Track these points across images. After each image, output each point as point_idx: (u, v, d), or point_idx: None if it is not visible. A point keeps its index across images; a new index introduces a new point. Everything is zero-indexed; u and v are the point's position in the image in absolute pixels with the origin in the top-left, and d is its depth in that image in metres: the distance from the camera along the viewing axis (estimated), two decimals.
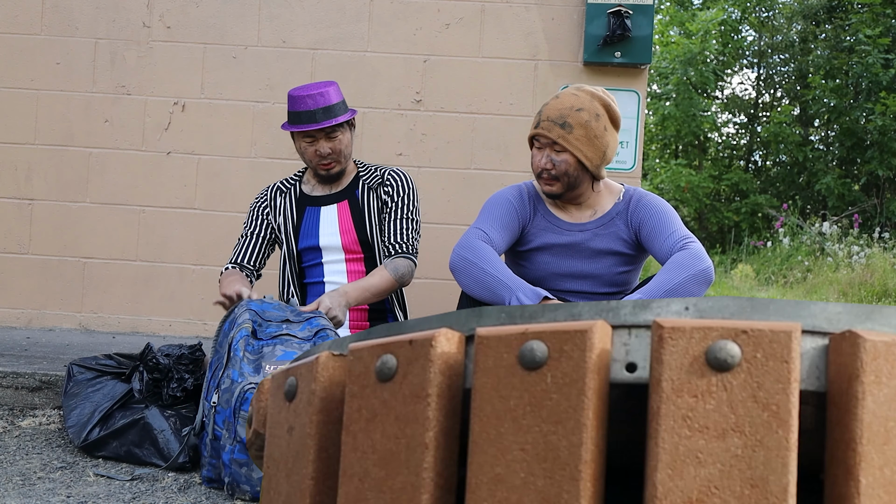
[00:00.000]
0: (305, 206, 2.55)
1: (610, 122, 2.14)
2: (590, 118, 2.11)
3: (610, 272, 2.23)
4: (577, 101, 2.12)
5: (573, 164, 2.13)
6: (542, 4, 3.54)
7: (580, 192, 2.21)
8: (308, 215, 2.53)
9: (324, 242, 2.51)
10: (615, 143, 2.18)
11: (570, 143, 2.11)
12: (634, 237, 2.22)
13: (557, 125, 2.12)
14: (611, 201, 2.25)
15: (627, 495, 0.78)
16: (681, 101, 11.01)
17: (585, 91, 2.15)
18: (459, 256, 2.07)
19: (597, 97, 2.13)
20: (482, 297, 2.05)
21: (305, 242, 2.52)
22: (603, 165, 2.18)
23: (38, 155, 3.64)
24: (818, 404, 0.68)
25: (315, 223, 2.52)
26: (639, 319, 0.68)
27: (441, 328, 0.73)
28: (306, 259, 2.54)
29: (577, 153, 2.11)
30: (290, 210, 2.55)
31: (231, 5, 3.61)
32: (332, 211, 2.53)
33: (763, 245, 8.67)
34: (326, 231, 2.51)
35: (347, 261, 2.52)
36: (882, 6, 10.16)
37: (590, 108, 2.12)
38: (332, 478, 0.79)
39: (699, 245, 2.07)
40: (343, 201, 2.54)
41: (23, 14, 3.65)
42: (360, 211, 2.52)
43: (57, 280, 3.64)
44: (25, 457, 2.17)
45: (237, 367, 1.97)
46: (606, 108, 2.13)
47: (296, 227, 2.53)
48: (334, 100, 2.42)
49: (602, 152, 2.13)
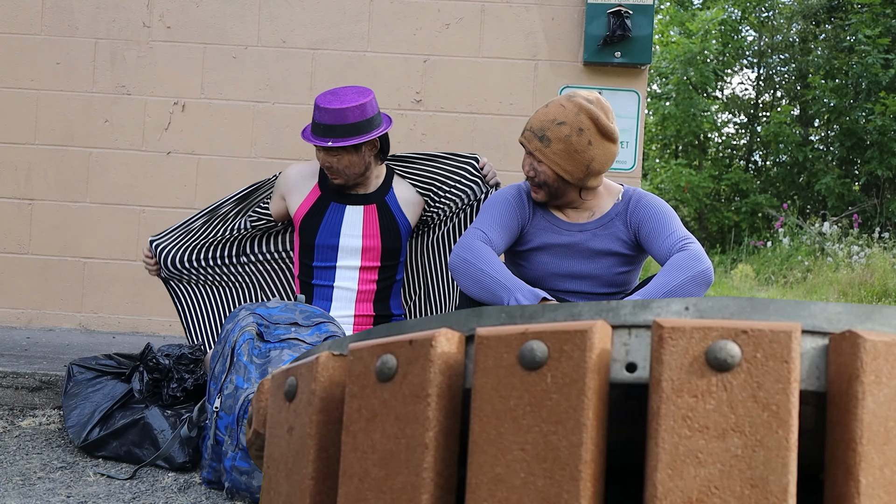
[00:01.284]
0: (330, 201, 2.47)
1: (599, 134, 2.08)
2: (570, 133, 2.07)
3: (609, 272, 2.22)
4: (562, 114, 2.09)
5: (552, 176, 2.13)
6: (542, 4, 3.54)
7: (568, 200, 2.20)
8: (331, 211, 2.46)
9: (344, 243, 2.44)
10: (606, 154, 2.12)
11: (547, 156, 2.10)
12: (633, 238, 2.22)
13: (536, 137, 2.12)
14: (610, 202, 2.24)
15: (627, 495, 0.78)
16: (681, 101, 11.02)
17: (575, 102, 2.10)
18: (459, 257, 2.07)
19: (584, 110, 2.08)
20: (481, 298, 2.05)
21: (324, 240, 2.45)
22: (591, 177, 2.14)
23: (38, 155, 3.65)
24: (818, 404, 0.68)
25: (338, 222, 2.45)
26: (639, 319, 0.68)
27: (441, 328, 0.73)
28: (318, 257, 2.47)
29: (553, 167, 2.10)
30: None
31: (231, 5, 3.61)
32: (358, 212, 2.46)
33: (763, 245, 8.67)
34: (348, 232, 2.44)
35: (362, 269, 2.46)
36: (882, 6, 10.16)
37: (573, 121, 2.08)
38: (332, 478, 0.79)
39: (698, 246, 2.06)
40: (371, 205, 2.47)
41: (23, 14, 3.65)
42: (390, 216, 2.47)
43: (57, 280, 3.64)
44: (25, 457, 2.17)
45: (242, 372, 1.95)
46: (594, 121, 2.07)
47: (317, 221, 2.45)
48: (351, 119, 2.31)
49: (584, 166, 2.10)
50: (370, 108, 2.35)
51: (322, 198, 2.47)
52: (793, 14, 11.45)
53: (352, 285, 2.45)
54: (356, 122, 2.32)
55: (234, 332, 2.05)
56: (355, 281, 2.46)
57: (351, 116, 2.31)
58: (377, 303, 2.48)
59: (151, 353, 2.32)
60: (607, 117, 2.11)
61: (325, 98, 2.36)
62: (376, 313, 2.49)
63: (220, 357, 2.07)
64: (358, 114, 2.32)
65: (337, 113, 2.30)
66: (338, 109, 2.30)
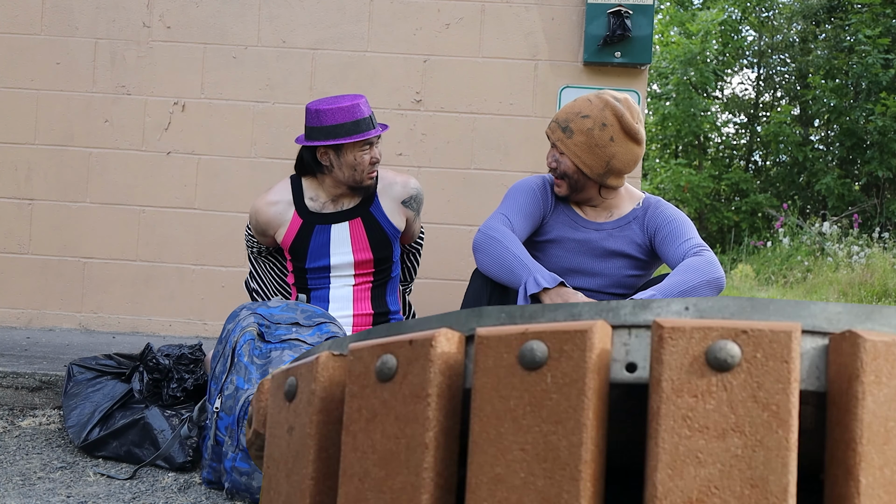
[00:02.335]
0: (314, 224, 2.45)
1: (622, 132, 2.11)
2: (593, 126, 2.11)
3: (619, 273, 2.25)
4: (587, 108, 2.14)
5: (572, 168, 2.17)
6: (542, 4, 3.54)
7: (588, 196, 2.24)
8: (317, 234, 2.45)
9: (335, 261, 2.45)
10: (628, 154, 2.14)
11: (568, 147, 2.15)
12: (648, 243, 2.25)
13: (560, 128, 2.17)
14: (630, 206, 2.28)
15: (627, 495, 0.77)
16: (681, 101, 11.02)
17: (602, 98, 2.14)
18: (485, 235, 2.12)
19: (610, 106, 2.11)
20: (500, 277, 2.09)
21: (315, 262, 2.46)
22: (611, 175, 2.16)
23: (38, 155, 3.65)
24: (818, 404, 0.68)
25: (325, 243, 2.45)
26: (639, 319, 0.68)
27: (441, 328, 0.73)
28: (311, 276, 2.49)
29: (574, 158, 2.15)
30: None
31: (231, 5, 3.61)
32: (345, 229, 2.46)
33: (763, 245, 8.67)
34: (338, 250, 2.45)
35: (356, 276, 2.48)
36: (882, 6, 10.16)
37: (597, 116, 2.11)
38: (332, 478, 0.79)
39: (713, 255, 2.10)
40: (356, 219, 2.47)
41: (23, 14, 3.65)
42: (377, 227, 2.48)
43: (57, 280, 3.64)
44: (25, 457, 2.17)
45: (242, 373, 1.95)
46: (618, 118, 2.10)
47: (304, 247, 2.45)
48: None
49: (605, 162, 2.13)
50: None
51: (305, 224, 2.44)
52: (793, 14, 11.44)
53: (347, 293, 2.47)
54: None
55: (234, 332, 2.05)
56: (350, 290, 2.47)
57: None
58: (374, 300, 2.51)
59: (151, 354, 2.31)
60: (633, 117, 2.14)
61: (335, 101, 2.36)
62: (375, 311, 2.50)
63: (220, 357, 2.06)
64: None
65: (363, 104, 2.36)
66: (360, 102, 2.36)
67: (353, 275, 2.47)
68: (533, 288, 1.97)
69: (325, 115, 2.32)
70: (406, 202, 2.52)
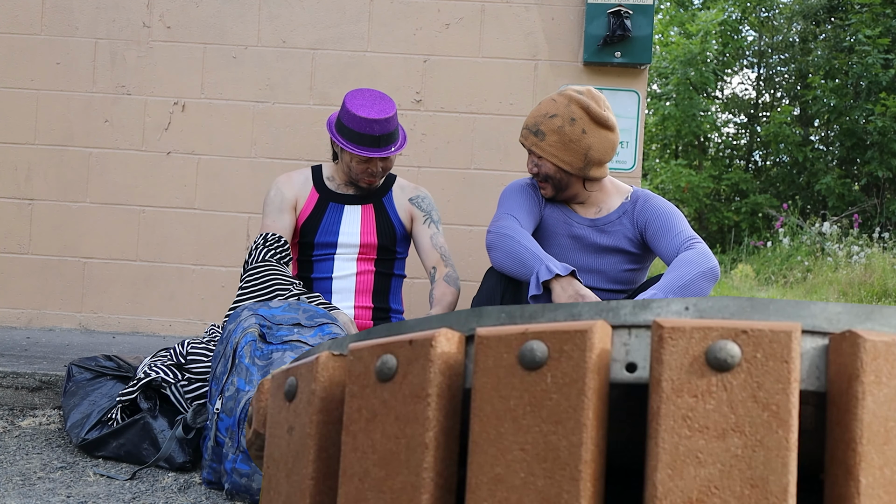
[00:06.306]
0: (328, 201, 2.57)
1: (592, 122, 2.15)
2: (563, 123, 2.15)
3: (615, 269, 2.28)
4: (553, 107, 2.17)
5: (553, 169, 2.21)
6: (542, 4, 3.54)
7: (574, 193, 2.27)
8: (330, 211, 2.56)
9: (342, 240, 2.54)
10: (603, 142, 2.17)
11: (544, 150, 2.19)
12: (640, 237, 2.27)
13: (532, 133, 2.21)
14: (618, 200, 2.30)
15: (627, 495, 0.77)
16: (681, 101, 11.02)
17: (565, 95, 2.18)
18: (497, 234, 2.15)
19: (574, 100, 2.15)
20: (514, 271, 2.11)
21: (323, 238, 2.54)
22: (592, 166, 2.20)
23: (38, 155, 3.64)
24: (818, 404, 0.68)
25: (337, 220, 2.55)
26: (639, 319, 0.68)
27: (441, 328, 0.73)
28: (317, 253, 2.56)
29: (552, 159, 2.19)
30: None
31: (231, 5, 3.61)
32: (357, 211, 2.57)
33: (763, 245, 8.67)
34: (347, 230, 2.54)
35: (360, 259, 2.54)
36: (882, 6, 10.16)
37: (564, 112, 2.15)
38: (332, 478, 0.79)
39: (705, 245, 2.15)
40: (369, 204, 2.58)
41: (23, 14, 3.65)
42: (386, 217, 2.58)
43: (57, 280, 3.64)
44: (25, 457, 2.16)
45: (243, 374, 1.95)
46: (585, 110, 2.14)
47: (316, 222, 2.55)
48: (394, 126, 2.44)
49: (583, 155, 2.16)
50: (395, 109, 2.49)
51: (321, 200, 2.57)
52: (793, 14, 11.45)
53: (350, 274, 2.52)
54: (396, 126, 2.47)
55: (236, 332, 2.04)
56: (353, 269, 2.53)
57: (394, 122, 2.44)
58: (376, 295, 2.54)
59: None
60: (598, 106, 2.17)
61: (363, 108, 2.41)
62: (375, 305, 2.53)
63: (221, 358, 2.06)
64: (396, 118, 2.46)
65: (386, 122, 2.41)
66: (386, 119, 2.41)
67: (357, 257, 2.54)
68: (545, 275, 1.98)
69: (348, 112, 2.42)
70: (413, 199, 2.62)
